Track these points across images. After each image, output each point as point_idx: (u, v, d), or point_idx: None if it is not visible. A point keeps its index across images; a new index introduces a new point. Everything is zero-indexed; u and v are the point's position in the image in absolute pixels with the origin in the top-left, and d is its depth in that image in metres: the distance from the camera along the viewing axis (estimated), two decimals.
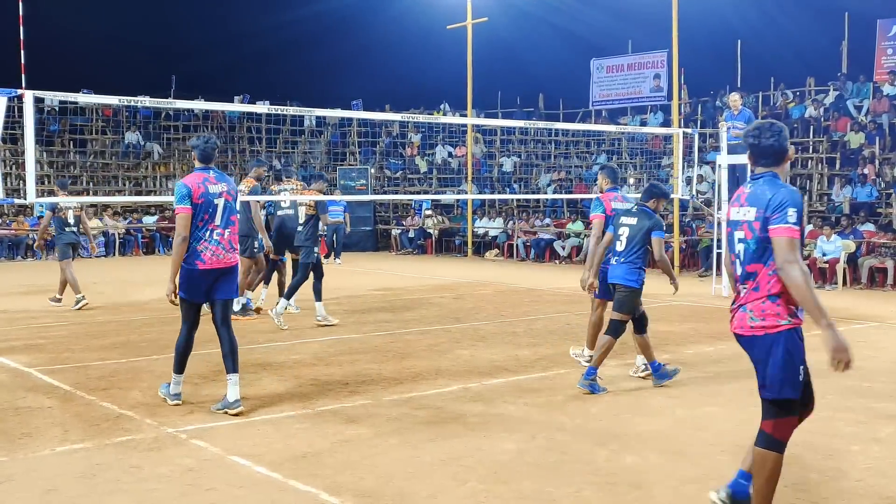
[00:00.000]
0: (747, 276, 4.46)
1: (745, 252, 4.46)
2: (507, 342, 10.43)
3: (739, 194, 4.56)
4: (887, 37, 25.32)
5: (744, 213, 4.47)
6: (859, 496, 5.18)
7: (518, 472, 5.57)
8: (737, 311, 4.52)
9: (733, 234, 4.52)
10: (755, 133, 4.50)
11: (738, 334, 4.56)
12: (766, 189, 4.40)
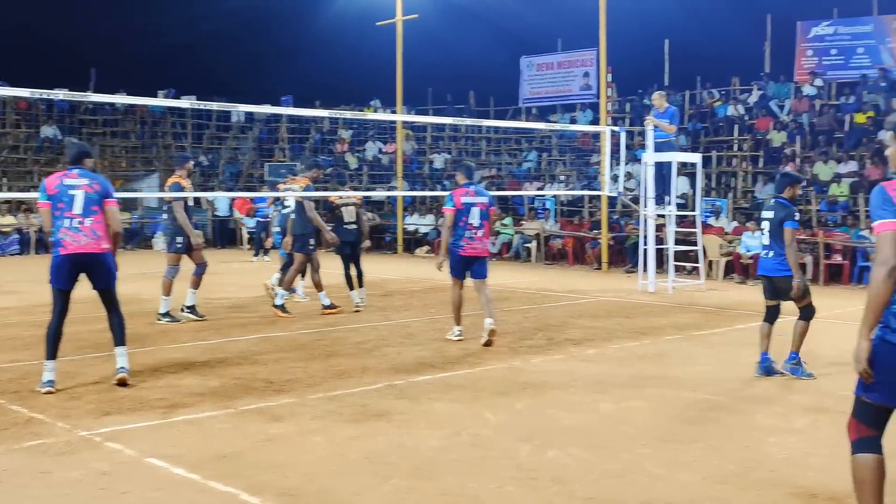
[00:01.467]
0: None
1: None
2: (436, 339, 10.41)
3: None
4: (807, 38, 25.94)
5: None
6: (773, 486, 5.27)
7: (442, 468, 5.55)
8: None
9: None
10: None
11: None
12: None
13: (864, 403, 3.99)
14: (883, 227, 3.86)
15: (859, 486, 3.98)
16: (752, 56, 27.02)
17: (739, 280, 17.79)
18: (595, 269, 20.55)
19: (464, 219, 10.13)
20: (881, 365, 3.89)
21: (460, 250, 10.16)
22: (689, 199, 21.20)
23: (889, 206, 3.87)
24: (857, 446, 4.00)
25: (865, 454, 3.96)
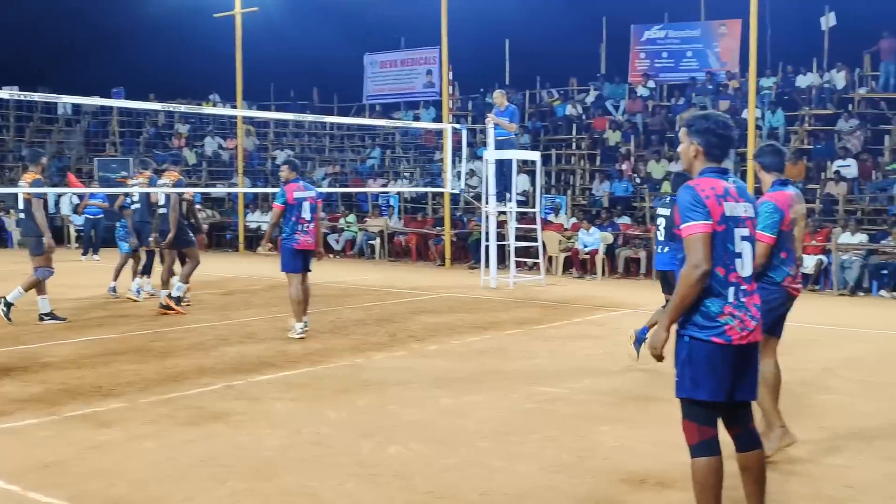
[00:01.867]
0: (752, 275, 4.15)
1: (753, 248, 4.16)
2: (277, 338, 10.23)
3: (728, 188, 4.08)
4: (640, 41, 26.96)
5: (744, 209, 4.10)
6: (606, 473, 5.42)
7: (281, 468, 5.45)
8: (750, 315, 4.08)
9: (733, 232, 4.03)
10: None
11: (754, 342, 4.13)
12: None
13: (693, 404, 4.06)
14: (693, 230, 3.92)
15: (700, 489, 4.07)
16: (588, 57, 27.83)
17: (578, 275, 18.29)
18: (438, 265, 20.71)
19: (297, 213, 10.28)
20: (699, 362, 4.00)
21: (295, 244, 10.31)
22: (530, 197, 21.68)
23: (700, 207, 3.94)
24: (697, 450, 4.06)
25: (706, 457, 4.05)
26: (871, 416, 6.88)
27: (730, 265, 3.99)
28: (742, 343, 4.00)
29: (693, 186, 4.01)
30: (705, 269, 3.90)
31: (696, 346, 4.00)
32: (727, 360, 4.00)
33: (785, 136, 22.15)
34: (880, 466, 5.58)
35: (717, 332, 3.97)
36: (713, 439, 4.05)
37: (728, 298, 3.98)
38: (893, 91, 22.08)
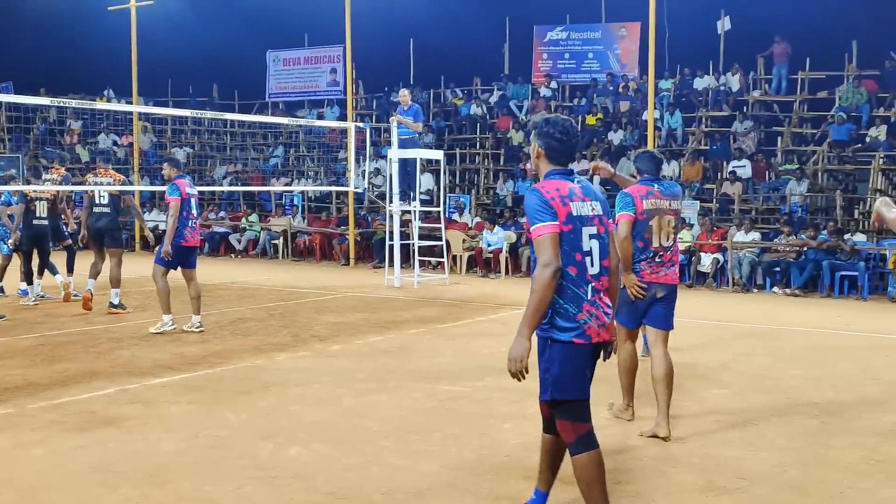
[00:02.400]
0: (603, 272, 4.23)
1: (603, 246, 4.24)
2: (174, 340, 9.99)
3: (573, 189, 4.18)
4: (543, 42, 27.27)
5: (591, 207, 4.21)
6: (508, 470, 5.44)
7: (177, 473, 5.31)
8: (604, 312, 4.20)
9: (581, 231, 4.13)
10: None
11: (608, 340, 4.25)
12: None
13: (564, 404, 4.13)
14: (542, 231, 4.00)
15: (586, 485, 4.13)
16: (492, 57, 28.04)
17: (482, 274, 18.38)
18: (343, 265, 20.57)
19: (187, 209, 10.34)
20: (565, 364, 4.09)
21: (182, 241, 10.36)
22: (434, 196, 21.69)
23: (547, 208, 4.03)
24: (575, 447, 4.12)
25: (585, 452, 4.12)
26: (762, 410, 7.07)
27: (581, 264, 4.09)
28: (600, 341, 4.13)
29: (539, 189, 4.10)
30: (556, 266, 3.96)
31: (559, 348, 4.09)
32: (588, 358, 4.14)
33: (683, 136, 22.69)
34: (770, 458, 5.74)
35: (577, 332, 4.07)
36: (590, 433, 4.14)
37: (586, 297, 4.09)
38: (785, 94, 22.85)
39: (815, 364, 9.09)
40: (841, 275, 15.47)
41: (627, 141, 22.48)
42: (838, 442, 6.10)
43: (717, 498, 5.00)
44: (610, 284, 4.25)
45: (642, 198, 6.23)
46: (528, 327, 4.02)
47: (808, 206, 19.11)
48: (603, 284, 4.18)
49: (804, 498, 5.02)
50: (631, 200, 6.22)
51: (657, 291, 6.28)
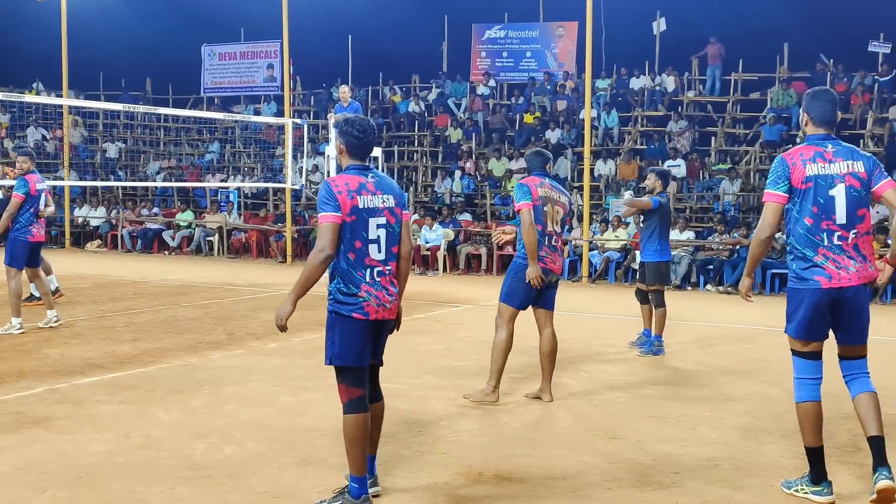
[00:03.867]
0: (391, 258, 4.75)
1: (393, 234, 4.74)
2: (105, 338, 9.79)
3: (364, 183, 4.67)
4: (481, 40, 27.34)
5: (382, 200, 4.69)
6: (443, 467, 5.44)
7: (106, 474, 5.19)
8: (387, 293, 4.72)
9: (367, 221, 4.63)
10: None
11: (388, 319, 4.80)
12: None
13: (342, 369, 4.65)
14: (324, 220, 4.49)
15: (349, 441, 4.60)
16: (431, 55, 28.02)
17: (420, 271, 18.35)
18: (280, 262, 20.39)
19: (36, 205, 10.08)
20: (344, 335, 4.61)
21: (30, 237, 10.08)
22: None
23: (332, 200, 4.50)
24: (347, 408, 4.63)
25: (354, 414, 4.61)
26: (696, 405, 7.17)
27: (360, 251, 4.57)
28: (378, 318, 4.64)
29: (329, 182, 4.57)
30: (329, 253, 4.50)
31: (340, 320, 4.61)
32: (366, 332, 4.63)
33: (619, 135, 22.94)
34: (703, 452, 5.81)
35: (356, 308, 4.58)
36: (361, 398, 4.65)
37: (364, 279, 4.59)
38: (719, 95, 23.23)
39: (746, 360, 9.25)
40: (772, 273, 15.77)
41: (565, 139, 22.65)
42: (769, 437, 6.20)
43: (653, 493, 5.05)
44: (399, 269, 4.78)
45: (537, 186, 6.95)
46: (294, 295, 4.61)
47: (741, 205, 19.46)
48: (390, 269, 4.70)
49: (736, 492, 5.09)
50: (528, 189, 6.89)
51: (552, 277, 6.99)
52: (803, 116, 5.09)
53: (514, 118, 24.66)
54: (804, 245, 4.88)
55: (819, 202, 4.83)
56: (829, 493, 4.89)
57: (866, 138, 19.95)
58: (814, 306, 4.86)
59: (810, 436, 4.91)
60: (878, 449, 4.85)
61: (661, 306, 9.39)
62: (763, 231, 4.96)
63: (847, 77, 21.76)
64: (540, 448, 5.87)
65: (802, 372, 4.97)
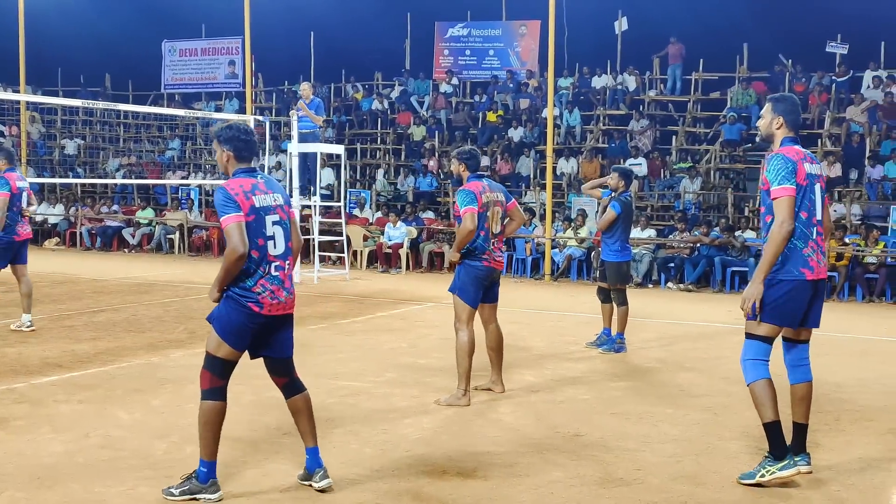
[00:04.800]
0: (288, 252, 4.95)
1: (286, 230, 4.94)
2: (64, 337, 9.67)
3: (256, 184, 4.85)
4: (444, 38, 27.34)
5: (273, 199, 4.90)
6: (407, 465, 5.44)
7: (66, 474, 5.13)
8: (283, 288, 4.92)
9: (264, 219, 4.81)
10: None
11: (281, 315, 4.95)
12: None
13: (214, 358, 4.80)
14: (229, 221, 4.64)
15: (204, 424, 4.81)
16: (394, 53, 27.94)
17: (382, 269, 18.33)
18: None
19: (18, 204, 10.02)
20: (232, 324, 4.77)
21: (15, 235, 9.98)
22: (334, 190, 21.55)
23: (231, 202, 4.66)
24: (207, 395, 4.80)
25: (213, 401, 4.80)
26: (657, 402, 7.23)
27: (263, 248, 4.74)
28: (273, 313, 4.79)
29: (224, 187, 4.73)
30: (242, 252, 4.61)
31: (233, 309, 4.75)
32: (255, 325, 4.78)
33: (581, 134, 23.06)
34: (665, 449, 5.87)
35: (251, 300, 4.72)
36: (222, 388, 4.83)
37: (263, 274, 4.75)
38: (680, 94, 23.42)
39: (707, 358, 9.35)
40: (732, 270, 15.95)
41: (527, 138, 22.72)
42: (729, 433, 6.27)
43: (616, 489, 5.08)
44: (293, 263, 5.00)
45: (481, 193, 7.03)
46: (217, 285, 4.78)
47: (701, 203, 19.65)
48: (289, 263, 4.91)
49: (697, 487, 5.14)
50: (474, 196, 6.97)
51: (496, 275, 7.21)
52: (776, 119, 5.37)
53: (477, 116, 24.69)
54: (798, 237, 5.14)
55: (811, 198, 5.18)
56: (793, 465, 5.13)
57: (824, 138, 20.20)
58: (800, 296, 5.16)
59: (770, 410, 5.14)
60: (803, 436, 5.38)
61: (623, 304, 9.47)
62: (788, 223, 5.06)
63: (805, 77, 22.04)
64: (503, 446, 5.88)
65: (760, 354, 5.23)
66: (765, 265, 5.12)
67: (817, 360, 9.14)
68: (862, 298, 15.04)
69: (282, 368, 5.05)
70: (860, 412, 7.00)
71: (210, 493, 4.77)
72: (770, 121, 5.40)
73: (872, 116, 20.11)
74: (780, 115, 5.36)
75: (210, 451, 4.79)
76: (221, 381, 4.83)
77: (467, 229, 6.93)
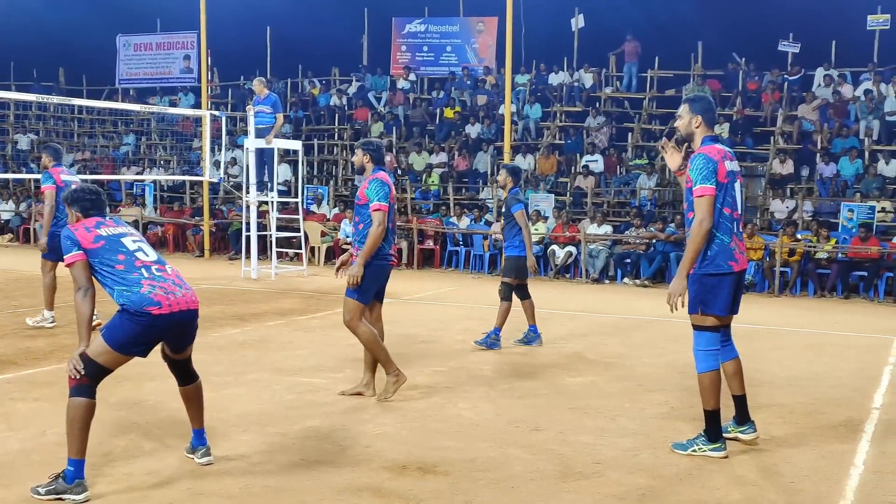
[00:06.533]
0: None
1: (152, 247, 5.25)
2: (18, 334, 9.55)
3: (100, 222, 5.01)
4: (401, 34, 27.31)
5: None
6: (367, 460, 5.46)
7: (23, 472, 5.09)
8: (175, 284, 5.05)
9: (118, 241, 5.02)
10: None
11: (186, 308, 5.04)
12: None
13: (102, 369, 4.88)
14: (72, 260, 4.82)
15: (70, 422, 4.84)
16: (351, 48, 27.85)
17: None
18: (197, 256, 20.12)
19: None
20: (128, 330, 4.84)
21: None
22: (292, 186, 21.46)
23: (72, 241, 4.83)
24: (76, 391, 4.85)
25: (80, 398, 4.84)
26: (615, 396, 7.32)
27: (130, 258, 4.90)
28: (174, 310, 4.87)
29: (68, 228, 4.94)
30: (88, 288, 4.83)
31: (127, 317, 4.81)
32: (154, 329, 4.88)
33: (538, 130, 23.17)
34: (623, 443, 5.95)
35: (147, 302, 4.79)
36: (91, 387, 4.86)
37: (143, 275, 4.86)
38: (636, 91, 23.64)
39: (663, 352, 9.48)
40: None
41: (485, 134, 22.78)
42: (685, 426, 6.36)
43: (576, 483, 5.15)
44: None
45: (390, 185, 7.01)
46: (84, 336, 4.91)
47: (657, 199, 19.85)
48: (169, 267, 5.08)
49: (655, 480, 5.22)
50: (388, 191, 6.90)
51: (389, 272, 7.16)
52: (695, 119, 5.64)
53: (435, 112, 24.71)
54: (723, 232, 5.44)
55: (732, 195, 5.47)
56: (725, 448, 5.58)
57: (776, 136, 20.51)
58: (731, 286, 5.50)
59: (713, 399, 5.55)
60: (744, 406, 5.82)
61: (506, 300, 9.51)
62: (707, 221, 5.36)
63: (758, 75, 22.36)
64: (463, 440, 5.92)
65: (711, 344, 5.56)
66: (687, 262, 5.45)
67: (771, 353, 9.35)
68: (814, 293, 15.31)
69: (182, 364, 5.36)
70: (813, 405, 7.15)
71: (75, 494, 4.73)
72: (689, 120, 5.66)
73: (823, 114, 20.45)
74: (698, 114, 5.62)
75: (78, 449, 4.81)
76: (91, 382, 4.87)
77: (382, 230, 6.80)
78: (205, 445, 5.33)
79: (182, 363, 5.30)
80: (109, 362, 4.88)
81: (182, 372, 5.33)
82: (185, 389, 5.35)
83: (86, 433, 4.82)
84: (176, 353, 5.24)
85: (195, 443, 5.36)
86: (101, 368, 4.87)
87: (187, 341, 5.21)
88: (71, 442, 4.81)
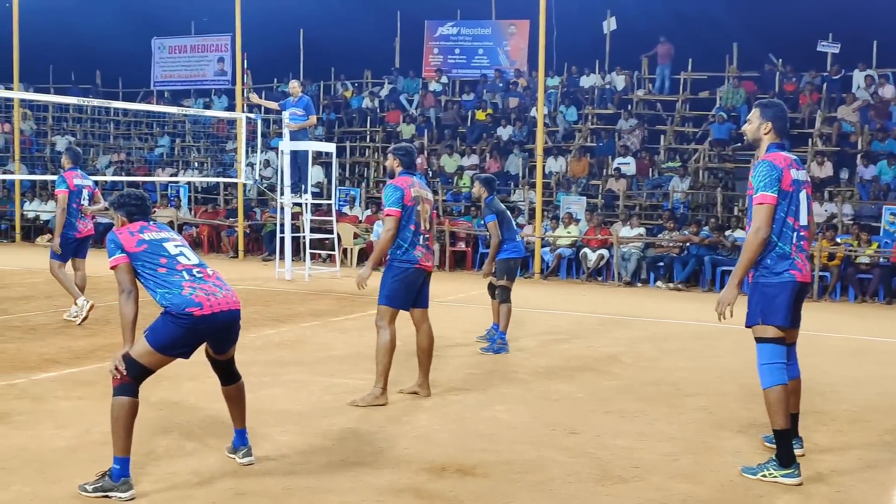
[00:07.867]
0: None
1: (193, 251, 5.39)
2: (60, 333, 9.69)
3: (144, 226, 5.16)
4: (433, 37, 27.38)
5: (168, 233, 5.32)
6: (407, 462, 5.49)
7: (70, 469, 5.17)
8: (220, 288, 5.21)
9: (163, 245, 5.15)
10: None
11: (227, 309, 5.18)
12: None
13: (145, 370, 4.98)
14: (116, 262, 4.98)
15: (114, 421, 4.91)
16: (383, 51, 27.96)
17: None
18: (231, 257, 20.28)
19: (78, 201, 10.49)
20: (170, 331, 4.95)
21: (76, 232, 10.53)
22: (325, 188, 21.58)
23: (116, 244, 4.97)
24: (118, 390, 4.93)
25: (132, 397, 4.93)
26: (652, 401, 7.31)
27: (172, 261, 5.02)
28: (214, 311, 4.96)
29: (113, 232, 5.06)
30: (132, 290, 5.03)
31: (170, 319, 4.91)
32: (194, 331, 4.98)
33: (569, 133, 23.14)
34: (662, 447, 5.94)
35: (188, 303, 4.89)
36: (133, 386, 4.96)
37: (184, 277, 4.98)
38: (668, 93, 23.54)
39: (700, 356, 9.44)
40: (722, 270, 16.04)
41: (516, 136, 22.79)
42: (726, 432, 6.35)
43: (614, 486, 5.15)
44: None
45: (409, 187, 6.94)
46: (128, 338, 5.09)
47: (690, 202, 19.75)
48: (211, 271, 5.20)
49: (696, 485, 5.21)
50: (402, 193, 6.89)
51: (426, 277, 7.14)
52: (765, 125, 5.50)
53: (466, 115, 24.75)
54: (784, 242, 5.28)
55: (797, 204, 5.32)
56: (798, 475, 5.21)
57: (815, 137, 20.32)
58: (792, 297, 5.31)
59: (782, 418, 5.24)
60: (795, 423, 5.60)
61: (505, 302, 9.51)
62: (764, 230, 5.22)
63: (796, 77, 22.18)
64: (500, 443, 5.95)
65: (776, 357, 5.32)
66: (739, 270, 5.32)
67: (810, 359, 9.26)
68: (854, 298, 15.17)
69: (225, 366, 5.44)
70: (857, 412, 7.09)
71: (121, 492, 4.79)
72: (758, 126, 5.53)
73: (864, 116, 20.23)
74: (769, 120, 5.48)
75: (122, 447, 4.88)
76: (135, 381, 4.96)
77: (389, 236, 6.87)
78: (246, 445, 5.41)
79: (225, 363, 5.39)
80: (152, 363, 4.98)
81: (225, 372, 5.42)
82: (228, 389, 5.44)
83: (130, 432, 4.89)
84: (219, 354, 5.32)
85: (237, 443, 5.44)
86: (144, 369, 4.96)
87: (230, 342, 5.29)
88: (116, 440, 4.88)
